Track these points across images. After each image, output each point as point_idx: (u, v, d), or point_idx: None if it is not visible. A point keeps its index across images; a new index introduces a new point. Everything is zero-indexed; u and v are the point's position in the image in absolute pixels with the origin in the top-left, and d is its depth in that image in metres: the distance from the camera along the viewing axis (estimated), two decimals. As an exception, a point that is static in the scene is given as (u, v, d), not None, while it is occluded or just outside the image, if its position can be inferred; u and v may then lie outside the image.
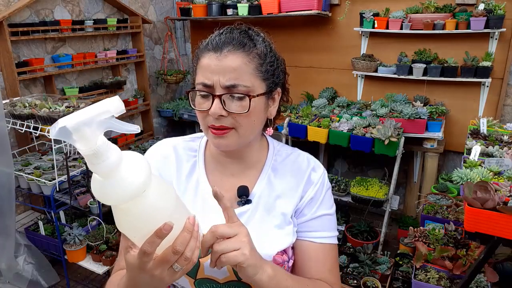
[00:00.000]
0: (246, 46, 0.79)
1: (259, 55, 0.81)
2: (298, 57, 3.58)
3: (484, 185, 1.41)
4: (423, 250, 1.89)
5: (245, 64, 0.79)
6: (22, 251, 2.37)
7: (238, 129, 0.81)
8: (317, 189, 0.91)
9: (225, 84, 0.77)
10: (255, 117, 0.82)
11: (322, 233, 0.90)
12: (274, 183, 0.91)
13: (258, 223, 0.87)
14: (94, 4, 3.16)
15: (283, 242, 0.87)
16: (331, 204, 0.94)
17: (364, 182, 2.97)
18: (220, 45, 0.79)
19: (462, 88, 2.96)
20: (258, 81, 0.81)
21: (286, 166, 0.93)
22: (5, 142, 2.06)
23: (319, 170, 0.94)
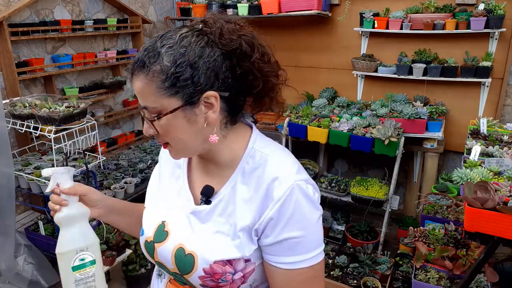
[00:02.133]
0: (145, 66, 0.76)
1: (161, 70, 0.75)
2: (298, 57, 3.58)
3: (484, 185, 1.42)
4: (423, 250, 1.89)
5: (146, 85, 0.76)
6: (22, 251, 2.37)
7: (171, 145, 0.83)
8: (279, 208, 0.78)
9: (141, 106, 0.80)
10: (178, 133, 0.80)
11: (287, 258, 0.80)
12: (238, 190, 0.84)
13: (208, 226, 0.85)
14: (94, 4, 3.16)
15: (226, 252, 0.81)
16: (301, 225, 0.80)
17: (364, 182, 2.97)
18: (131, 68, 0.80)
19: (462, 88, 2.96)
20: (166, 99, 0.76)
21: (254, 172, 0.84)
22: (5, 142, 2.06)
23: (285, 183, 0.79)
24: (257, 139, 0.90)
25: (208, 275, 0.82)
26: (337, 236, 2.99)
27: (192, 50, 0.76)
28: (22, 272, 2.34)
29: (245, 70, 0.80)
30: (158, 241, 0.89)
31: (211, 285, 0.82)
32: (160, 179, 0.99)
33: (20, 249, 2.37)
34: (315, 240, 0.82)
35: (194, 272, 0.83)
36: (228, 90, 0.80)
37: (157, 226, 0.91)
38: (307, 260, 0.81)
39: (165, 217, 0.91)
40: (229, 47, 0.78)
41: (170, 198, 0.94)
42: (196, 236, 0.85)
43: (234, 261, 0.82)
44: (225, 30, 0.78)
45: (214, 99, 0.78)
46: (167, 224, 0.90)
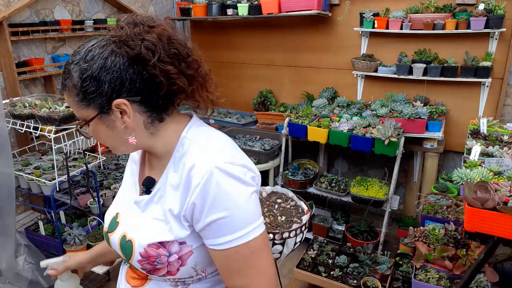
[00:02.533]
0: (63, 84, 0.85)
1: (73, 86, 0.83)
2: (298, 57, 3.58)
3: (484, 185, 1.42)
4: (423, 250, 1.89)
5: (67, 99, 0.86)
6: (22, 251, 2.37)
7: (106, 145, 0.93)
8: (199, 193, 0.81)
9: None
10: (102, 137, 0.90)
11: (219, 240, 0.83)
12: (170, 177, 0.89)
13: (146, 213, 0.92)
14: (94, 4, 3.16)
15: (158, 236, 0.87)
16: (226, 205, 0.81)
17: (364, 182, 2.97)
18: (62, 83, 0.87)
19: (462, 88, 2.96)
20: (83, 109, 0.85)
21: (181, 159, 0.87)
22: (5, 142, 2.06)
23: (202, 168, 0.81)
24: (191, 128, 0.92)
25: (144, 259, 0.88)
26: (337, 236, 2.99)
27: (94, 64, 0.80)
28: (22, 272, 2.34)
29: (150, 73, 0.82)
30: (110, 231, 0.98)
31: (149, 268, 0.88)
32: (124, 177, 1.09)
33: (20, 249, 2.37)
34: (245, 218, 0.84)
35: (133, 256, 0.89)
36: (139, 94, 0.83)
37: (111, 218, 1.00)
38: (239, 238, 0.83)
39: (119, 209, 1.00)
40: (132, 53, 0.80)
41: (125, 192, 1.03)
42: (136, 223, 0.93)
43: (167, 243, 0.86)
44: (129, 36, 0.80)
45: (124, 106, 0.82)
46: (119, 215, 0.99)
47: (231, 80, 4.02)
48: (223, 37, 3.92)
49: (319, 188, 3.02)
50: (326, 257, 2.58)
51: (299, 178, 3.05)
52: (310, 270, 2.46)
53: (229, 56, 3.95)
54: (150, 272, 0.89)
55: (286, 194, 2.08)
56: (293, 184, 3.05)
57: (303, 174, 3.14)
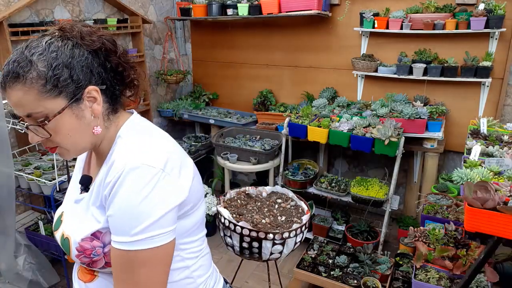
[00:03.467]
0: (20, 76, 0.79)
1: (38, 76, 0.80)
2: (298, 57, 3.58)
3: (484, 185, 1.42)
4: (423, 250, 1.89)
5: (25, 93, 0.80)
6: (22, 251, 2.37)
7: (60, 145, 0.88)
8: (109, 188, 0.82)
9: (23, 115, 0.83)
10: (67, 132, 0.85)
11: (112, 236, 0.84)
12: (102, 172, 0.90)
13: (83, 210, 0.93)
14: (94, 4, 3.16)
15: (87, 229, 0.88)
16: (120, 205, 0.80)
17: (364, 182, 2.97)
18: (2, 82, 0.82)
19: (462, 88, 2.97)
20: (50, 100, 0.81)
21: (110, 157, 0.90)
22: (5, 142, 2.06)
23: (117, 168, 0.82)
24: (128, 126, 0.94)
25: (80, 253, 0.89)
26: (337, 236, 2.99)
27: (62, 53, 0.83)
28: (22, 272, 2.34)
29: (114, 64, 0.90)
30: (55, 229, 1.01)
31: (87, 261, 0.90)
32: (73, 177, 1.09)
33: (20, 249, 2.37)
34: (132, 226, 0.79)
35: (72, 252, 0.92)
36: (104, 83, 0.89)
37: (57, 217, 1.03)
38: (122, 243, 0.80)
39: (64, 208, 1.03)
40: (94, 47, 0.86)
41: (70, 191, 1.05)
42: (72, 221, 0.95)
43: (100, 235, 0.88)
44: (85, 33, 0.86)
45: (95, 93, 0.86)
46: (63, 214, 1.01)
47: (231, 80, 4.02)
48: (223, 37, 3.92)
49: (319, 188, 3.02)
50: (326, 257, 2.58)
51: (299, 178, 3.05)
52: (310, 270, 2.46)
53: (229, 56, 3.95)
54: (89, 265, 0.91)
55: (286, 194, 2.08)
56: (293, 184, 3.05)
57: (303, 174, 3.14)
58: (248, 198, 2.03)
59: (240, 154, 3.21)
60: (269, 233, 1.69)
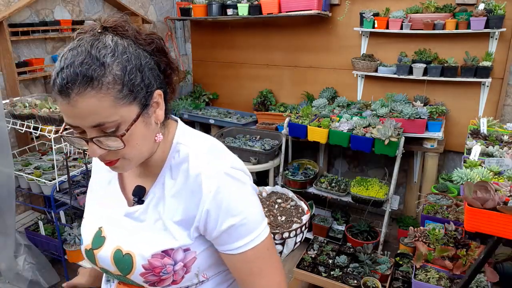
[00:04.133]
0: (94, 81, 0.68)
1: (114, 81, 0.70)
2: (298, 57, 3.58)
3: (484, 185, 1.42)
4: (423, 250, 1.89)
5: (100, 100, 0.69)
6: (22, 251, 2.37)
7: (124, 157, 0.78)
8: (212, 200, 0.79)
9: (90, 125, 0.71)
10: (137, 141, 0.77)
11: (235, 244, 0.83)
12: (167, 185, 0.85)
13: (143, 224, 0.87)
14: (94, 4, 3.16)
15: (161, 244, 0.83)
16: (240, 209, 0.81)
17: (364, 182, 2.97)
18: (65, 88, 0.68)
19: (462, 88, 2.96)
20: (125, 107, 0.73)
21: (180, 166, 0.84)
22: (5, 142, 2.06)
23: (212, 175, 0.80)
24: (182, 133, 0.90)
25: (148, 271, 0.83)
26: (337, 236, 2.99)
27: (132, 55, 0.74)
28: (22, 272, 2.34)
29: (165, 65, 0.83)
30: (96, 247, 0.89)
31: (154, 279, 0.83)
32: (94, 188, 1.00)
33: (20, 249, 2.37)
34: (257, 218, 0.85)
35: (134, 270, 0.83)
36: (163, 86, 0.83)
37: (94, 233, 0.91)
38: (256, 238, 0.84)
39: (101, 223, 0.92)
40: (150, 47, 0.79)
41: (104, 204, 0.94)
42: (132, 235, 0.86)
43: (172, 251, 0.83)
44: (137, 32, 0.79)
45: (159, 97, 0.80)
46: (103, 229, 0.90)
47: (231, 80, 4.02)
48: (223, 37, 3.92)
49: (319, 188, 3.02)
50: (326, 257, 2.58)
51: (299, 178, 3.05)
52: (310, 270, 2.46)
53: (229, 56, 3.95)
54: (154, 284, 0.85)
55: (286, 194, 2.08)
56: (293, 184, 3.05)
57: (303, 174, 3.14)
58: (248, 198, 2.03)
59: (240, 154, 3.21)
60: (269, 233, 1.69)
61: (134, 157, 0.79)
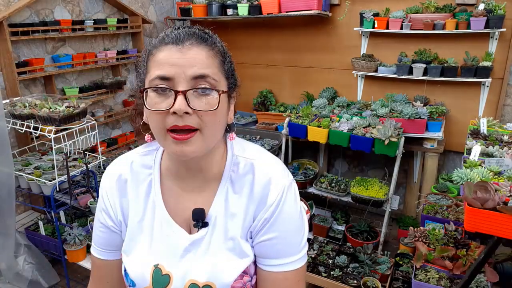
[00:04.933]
0: (208, 41, 0.74)
1: (220, 52, 0.76)
2: (298, 57, 3.58)
3: (484, 185, 1.41)
4: (423, 250, 1.89)
5: (211, 57, 0.73)
6: (22, 251, 2.37)
7: (203, 130, 0.72)
8: (274, 209, 0.78)
9: (192, 75, 0.70)
10: (221, 117, 0.75)
11: (271, 261, 0.80)
12: (230, 200, 0.81)
13: (216, 248, 0.81)
14: (94, 4, 3.16)
15: (239, 266, 0.79)
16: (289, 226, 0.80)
17: (364, 182, 2.97)
18: (181, 38, 0.71)
19: (462, 88, 2.96)
20: (223, 78, 0.75)
21: (242, 179, 0.81)
22: (5, 142, 2.06)
23: (279, 185, 0.79)
24: (235, 144, 0.86)
25: None
26: (337, 236, 2.99)
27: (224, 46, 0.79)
28: (22, 272, 2.34)
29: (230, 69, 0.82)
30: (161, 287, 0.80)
31: None
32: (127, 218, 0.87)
33: (20, 249, 2.37)
34: (301, 241, 0.82)
35: None
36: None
37: (151, 273, 0.81)
38: (293, 263, 0.81)
39: (157, 260, 0.82)
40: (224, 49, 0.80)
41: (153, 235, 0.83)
42: (206, 265, 0.80)
43: (248, 268, 0.81)
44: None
45: (234, 100, 0.81)
46: (163, 267, 0.81)
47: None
48: (223, 37, 3.82)
49: (319, 188, 3.02)
50: (326, 257, 2.58)
51: (299, 178, 3.05)
52: (310, 270, 2.46)
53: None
54: None
55: (286, 194, 2.07)
56: (293, 184, 3.05)
57: (303, 174, 3.14)
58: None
59: (240, 154, 3.20)
60: (269, 233, 1.69)
61: (210, 135, 0.74)
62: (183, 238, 0.81)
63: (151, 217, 0.84)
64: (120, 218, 0.87)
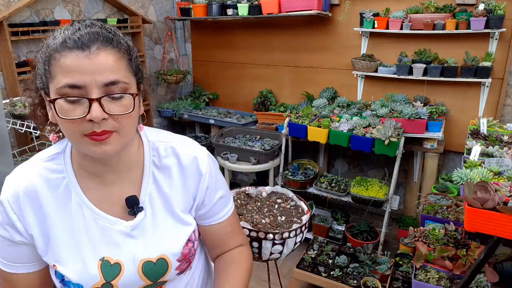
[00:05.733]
0: (114, 42, 0.73)
1: (126, 50, 0.76)
2: (298, 57, 3.58)
3: (484, 185, 1.41)
4: (423, 250, 1.89)
5: (119, 60, 0.73)
6: (22, 251, 2.37)
7: (120, 131, 0.74)
8: (209, 178, 0.91)
9: (103, 83, 0.70)
10: (135, 115, 0.78)
11: (223, 211, 0.98)
12: (160, 182, 0.87)
13: (157, 226, 0.86)
14: (94, 4, 3.16)
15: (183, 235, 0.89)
16: (221, 182, 0.97)
17: (364, 182, 2.97)
18: (86, 42, 0.70)
19: (462, 88, 2.97)
20: (132, 77, 0.76)
21: (166, 161, 0.88)
22: (5, 142, 2.06)
23: (202, 156, 0.91)
24: (147, 131, 0.92)
25: (182, 261, 0.88)
26: (337, 236, 2.99)
27: None
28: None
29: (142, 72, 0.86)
30: (113, 277, 0.82)
31: (186, 266, 0.91)
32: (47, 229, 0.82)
33: (20, 249, 2.37)
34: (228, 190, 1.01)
35: (170, 269, 0.86)
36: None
37: (99, 267, 0.81)
38: (232, 205, 1.02)
39: (101, 254, 0.82)
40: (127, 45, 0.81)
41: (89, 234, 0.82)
42: (153, 242, 0.85)
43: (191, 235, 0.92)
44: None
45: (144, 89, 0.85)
46: (110, 258, 0.82)
47: (231, 80, 4.02)
48: (223, 37, 3.92)
49: (319, 188, 3.02)
50: (326, 257, 2.58)
51: (299, 178, 3.05)
52: (310, 270, 2.46)
53: (229, 56, 3.95)
54: (184, 270, 0.91)
55: (286, 194, 2.08)
56: (293, 184, 3.05)
57: (303, 174, 3.14)
58: (248, 198, 2.03)
59: (240, 154, 3.21)
60: (269, 233, 1.69)
61: (126, 133, 0.76)
62: (122, 226, 0.84)
63: (80, 218, 0.82)
64: (32, 232, 0.81)
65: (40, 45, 0.76)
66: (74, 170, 0.84)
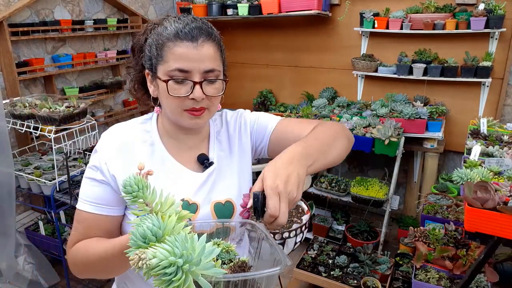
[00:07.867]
0: (213, 36, 0.91)
1: (219, 44, 0.94)
2: (298, 57, 3.58)
3: (484, 185, 1.41)
4: (423, 250, 1.89)
5: (216, 51, 0.92)
6: (22, 251, 2.37)
7: (210, 108, 0.94)
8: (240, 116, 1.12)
9: (204, 69, 0.89)
10: (219, 97, 0.96)
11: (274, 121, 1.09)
12: (221, 140, 1.07)
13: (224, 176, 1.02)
14: (94, 4, 3.16)
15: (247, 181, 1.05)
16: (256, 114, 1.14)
17: (364, 182, 2.97)
18: (195, 35, 0.88)
19: (462, 88, 2.96)
20: (222, 66, 0.96)
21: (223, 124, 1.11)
22: (5, 142, 2.06)
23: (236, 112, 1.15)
24: None
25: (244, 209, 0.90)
26: (337, 236, 2.99)
27: None
28: (22, 272, 2.34)
29: None
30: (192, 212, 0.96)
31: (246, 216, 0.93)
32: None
33: (20, 249, 2.37)
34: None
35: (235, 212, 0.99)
36: None
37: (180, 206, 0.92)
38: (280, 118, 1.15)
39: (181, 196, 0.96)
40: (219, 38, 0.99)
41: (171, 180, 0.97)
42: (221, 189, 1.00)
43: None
44: None
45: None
46: (189, 198, 0.96)
47: (231, 80, 3.97)
48: (223, 37, 3.91)
49: (319, 188, 3.01)
50: (326, 257, 2.58)
51: (299, 178, 3.05)
52: (310, 270, 2.46)
53: (229, 56, 3.86)
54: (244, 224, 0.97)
55: (286, 194, 2.07)
56: (293, 184, 3.04)
57: (303, 174, 3.13)
58: (248, 198, 2.03)
59: (240, 154, 3.20)
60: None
61: (214, 111, 0.97)
62: (198, 176, 1.00)
63: (163, 169, 0.98)
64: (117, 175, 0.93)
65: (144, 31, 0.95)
66: (160, 133, 1.03)
